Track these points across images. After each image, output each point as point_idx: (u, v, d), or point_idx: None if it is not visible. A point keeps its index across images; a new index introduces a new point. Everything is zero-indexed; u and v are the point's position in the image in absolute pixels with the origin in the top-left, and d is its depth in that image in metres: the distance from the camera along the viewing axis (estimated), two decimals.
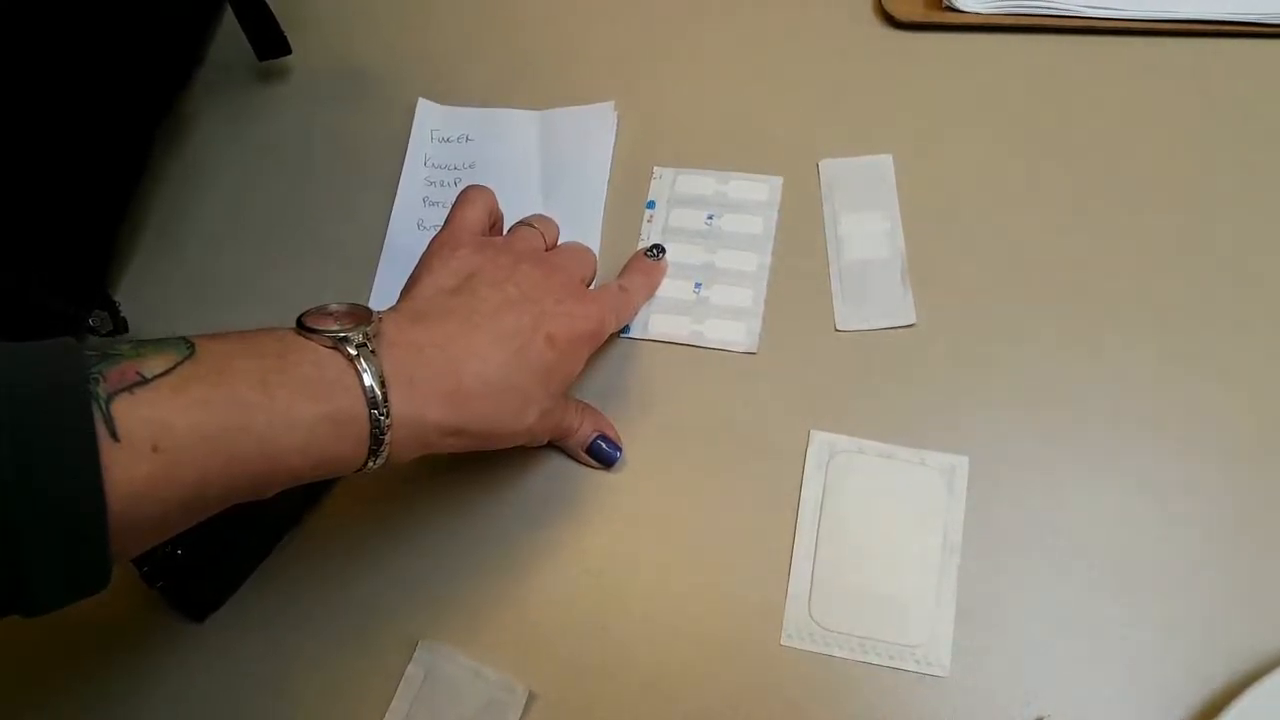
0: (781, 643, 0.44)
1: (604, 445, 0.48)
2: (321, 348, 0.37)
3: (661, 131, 0.57)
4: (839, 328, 0.51)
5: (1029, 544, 0.45)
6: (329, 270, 0.56)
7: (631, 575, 0.46)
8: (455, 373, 0.39)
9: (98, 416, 0.30)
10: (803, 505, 0.47)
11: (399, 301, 0.43)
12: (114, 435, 0.30)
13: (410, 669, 0.45)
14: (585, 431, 0.47)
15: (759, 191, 0.55)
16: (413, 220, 0.57)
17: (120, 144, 0.58)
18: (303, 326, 0.38)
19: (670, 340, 0.51)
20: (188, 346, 0.34)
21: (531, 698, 0.44)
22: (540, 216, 0.49)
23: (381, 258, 0.56)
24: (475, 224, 0.46)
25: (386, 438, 0.37)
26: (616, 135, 0.57)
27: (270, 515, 0.48)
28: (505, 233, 0.49)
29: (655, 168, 0.56)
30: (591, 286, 0.49)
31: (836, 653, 0.44)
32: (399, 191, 0.57)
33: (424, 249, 0.46)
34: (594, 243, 0.54)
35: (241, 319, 0.55)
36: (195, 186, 0.61)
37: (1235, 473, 0.45)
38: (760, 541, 0.46)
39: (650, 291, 0.52)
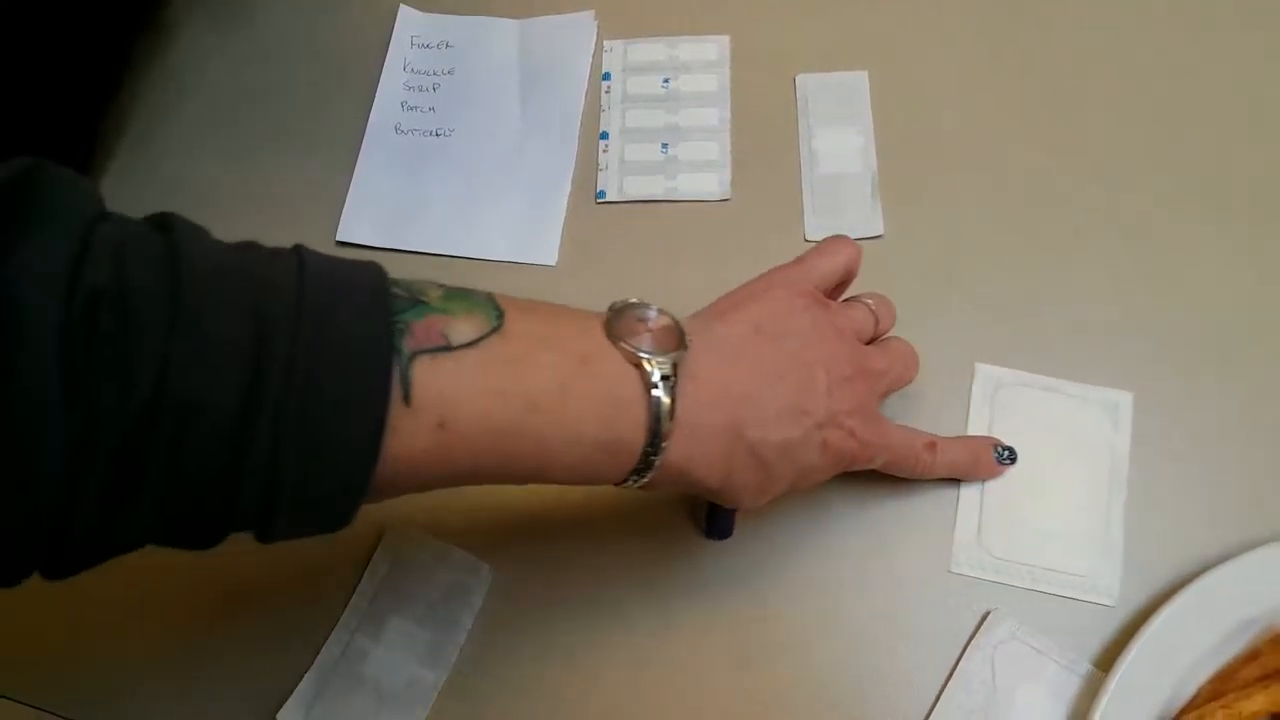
0: None
1: (724, 518, 0.44)
2: (624, 360, 0.34)
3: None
4: (808, 237, 0.51)
5: None
6: (306, 174, 0.56)
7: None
8: (736, 434, 0.36)
9: (396, 374, 0.29)
10: None
11: (711, 316, 0.39)
12: (406, 399, 0.29)
13: (377, 553, 0.46)
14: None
15: (708, 52, 0.57)
16: (390, 124, 0.57)
17: (102, 46, 0.58)
18: (612, 329, 0.35)
19: (645, 199, 0.53)
20: (497, 315, 0.32)
21: (496, 579, 0.45)
22: (882, 299, 0.44)
23: (358, 162, 0.56)
24: (826, 278, 0.42)
25: (650, 475, 0.35)
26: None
27: None
28: (842, 298, 0.45)
29: (605, 41, 0.58)
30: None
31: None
32: (377, 96, 0.58)
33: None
34: (569, 154, 0.55)
35: (220, 221, 0.55)
36: (177, 90, 0.61)
37: (1200, 387, 0.46)
38: None
39: (962, 476, 0.45)
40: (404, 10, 0.60)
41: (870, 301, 0.44)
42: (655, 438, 0.34)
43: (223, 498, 0.28)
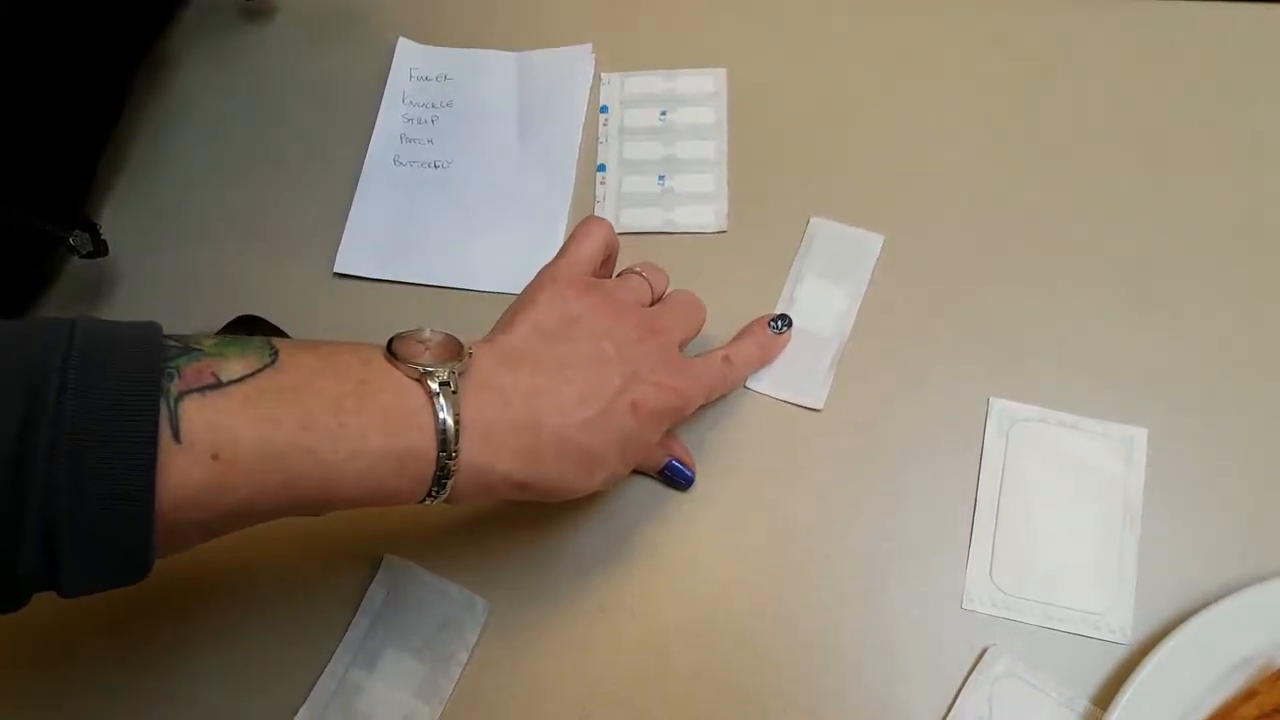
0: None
1: (678, 467, 0.46)
2: (406, 378, 0.35)
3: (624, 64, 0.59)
4: (748, 385, 0.49)
5: None
6: (304, 206, 0.57)
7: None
8: (534, 426, 0.37)
9: (164, 414, 0.30)
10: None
11: (496, 331, 0.41)
12: (176, 436, 0.30)
13: (373, 587, 0.46)
14: (657, 457, 0.46)
15: (705, 84, 0.57)
16: (389, 156, 0.57)
17: (103, 79, 0.58)
18: (392, 352, 0.36)
19: (641, 231, 0.53)
20: (271, 353, 0.33)
21: (491, 613, 0.45)
22: (650, 265, 0.47)
23: (356, 193, 0.56)
24: (588, 262, 0.44)
25: (450, 481, 0.36)
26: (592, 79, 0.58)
27: None
28: (615, 274, 0.47)
29: (603, 73, 0.58)
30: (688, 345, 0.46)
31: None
32: (376, 128, 0.58)
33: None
34: (567, 186, 0.55)
35: (218, 253, 0.56)
36: (177, 123, 0.61)
37: (1215, 423, 0.46)
38: None
39: (761, 366, 0.49)
40: (403, 43, 0.60)
41: (640, 270, 0.46)
42: (446, 440, 0.35)
43: (7, 548, 0.28)
